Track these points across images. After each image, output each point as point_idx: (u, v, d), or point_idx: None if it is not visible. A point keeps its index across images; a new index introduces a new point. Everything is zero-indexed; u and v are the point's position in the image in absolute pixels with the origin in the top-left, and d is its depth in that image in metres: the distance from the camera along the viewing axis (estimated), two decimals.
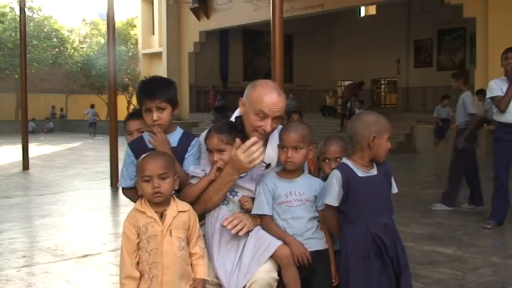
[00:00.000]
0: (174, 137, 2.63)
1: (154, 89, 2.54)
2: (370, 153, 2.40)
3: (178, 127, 2.69)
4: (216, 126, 2.53)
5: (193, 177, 2.54)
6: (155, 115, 2.50)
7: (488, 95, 5.44)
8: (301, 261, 2.38)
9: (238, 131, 2.52)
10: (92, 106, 26.20)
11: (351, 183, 2.36)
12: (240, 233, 2.38)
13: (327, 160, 2.69)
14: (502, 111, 5.30)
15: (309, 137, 2.49)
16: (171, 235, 2.22)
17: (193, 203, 2.45)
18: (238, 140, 2.41)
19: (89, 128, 25.09)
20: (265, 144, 2.63)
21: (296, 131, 2.47)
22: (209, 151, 2.52)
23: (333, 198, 2.39)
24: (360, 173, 2.40)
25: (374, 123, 2.39)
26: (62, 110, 32.24)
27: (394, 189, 2.50)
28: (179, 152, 2.56)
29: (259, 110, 2.49)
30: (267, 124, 2.50)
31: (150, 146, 2.58)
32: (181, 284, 2.24)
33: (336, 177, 2.38)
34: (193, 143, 2.64)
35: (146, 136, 2.64)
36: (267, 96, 2.50)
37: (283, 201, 2.47)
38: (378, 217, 2.38)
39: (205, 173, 2.51)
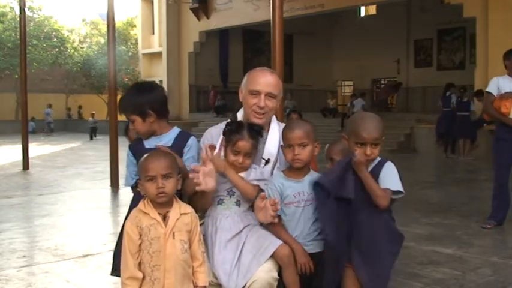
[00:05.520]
0: (169, 137, 2.68)
1: (120, 104, 2.71)
2: None
3: (175, 127, 2.74)
4: (249, 131, 2.50)
5: None
6: (130, 125, 2.70)
7: (487, 88, 5.45)
8: (303, 270, 2.39)
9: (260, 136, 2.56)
10: (49, 106, 26.32)
11: None
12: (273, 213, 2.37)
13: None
14: (484, 111, 5.35)
15: (312, 133, 2.49)
16: (174, 237, 2.20)
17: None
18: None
19: (46, 127, 25.31)
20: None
21: (300, 128, 2.47)
22: (232, 150, 2.49)
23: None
24: None
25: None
26: (69, 109, 32.34)
27: None
28: (174, 151, 2.57)
29: (253, 89, 2.61)
30: (261, 100, 2.59)
31: (146, 146, 2.66)
32: (183, 286, 2.23)
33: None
34: (189, 142, 2.66)
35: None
36: (258, 74, 2.67)
37: (292, 201, 2.47)
38: None
39: None
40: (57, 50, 30.88)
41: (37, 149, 16.35)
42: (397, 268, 3.81)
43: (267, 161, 2.65)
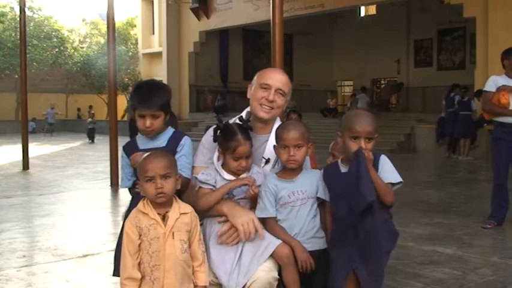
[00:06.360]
0: (165, 137, 2.67)
1: (150, 98, 2.57)
2: None
3: (169, 127, 2.72)
4: (243, 133, 2.50)
5: (202, 182, 2.54)
6: (148, 122, 2.55)
7: (484, 87, 5.44)
8: (304, 267, 2.39)
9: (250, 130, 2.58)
10: (52, 107, 26.35)
11: None
12: (232, 242, 2.42)
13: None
14: (482, 109, 5.40)
15: (307, 134, 2.52)
16: (173, 237, 2.20)
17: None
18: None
19: (47, 127, 25.34)
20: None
21: (296, 129, 2.49)
22: (232, 157, 2.49)
23: None
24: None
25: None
26: (79, 110, 32.30)
27: None
28: (167, 151, 2.56)
29: (263, 83, 2.66)
30: (270, 93, 2.63)
31: (141, 147, 2.63)
32: (183, 286, 2.23)
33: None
34: (182, 142, 2.64)
35: (139, 138, 2.68)
36: (270, 70, 2.79)
37: (287, 202, 2.48)
38: None
39: (215, 181, 2.52)
40: (57, 50, 30.89)
41: (37, 149, 16.35)
42: (397, 268, 3.81)
43: (267, 161, 2.66)
